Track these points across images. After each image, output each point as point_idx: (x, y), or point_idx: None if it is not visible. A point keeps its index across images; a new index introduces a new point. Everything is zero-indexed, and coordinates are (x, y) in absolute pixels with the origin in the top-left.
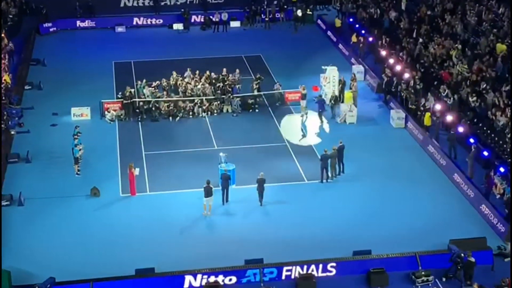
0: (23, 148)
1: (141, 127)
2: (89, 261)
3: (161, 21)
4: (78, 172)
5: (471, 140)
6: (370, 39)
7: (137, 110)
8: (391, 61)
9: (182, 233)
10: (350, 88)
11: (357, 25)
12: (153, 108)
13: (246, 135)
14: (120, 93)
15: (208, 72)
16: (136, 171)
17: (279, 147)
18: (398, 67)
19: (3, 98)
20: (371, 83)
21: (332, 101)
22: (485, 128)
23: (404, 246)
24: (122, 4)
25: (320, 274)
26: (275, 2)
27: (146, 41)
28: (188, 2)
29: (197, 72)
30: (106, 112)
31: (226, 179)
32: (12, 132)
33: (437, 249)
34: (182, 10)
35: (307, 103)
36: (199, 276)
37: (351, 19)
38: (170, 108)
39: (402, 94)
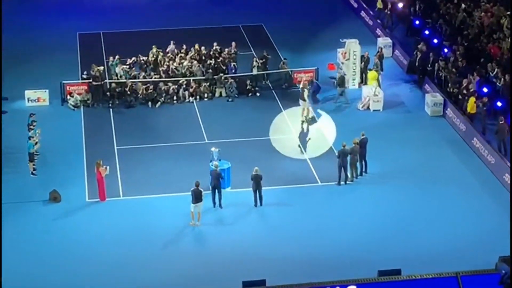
0: None
1: (112, 115)
2: (47, 282)
3: None
4: (34, 172)
5: None
6: (400, 5)
7: (108, 94)
8: (426, 32)
9: (164, 248)
10: (376, 67)
11: None
12: (128, 91)
13: (244, 126)
14: (85, 72)
15: (196, 46)
16: (106, 170)
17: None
18: (435, 40)
19: None
20: (401, 60)
21: (338, 84)
22: None
23: (442, 265)
24: None
25: None
26: None
27: (119, 8)
28: None
29: (183, 46)
30: (68, 97)
31: (217, 177)
32: None
33: (484, 269)
34: None
35: (311, 100)
36: None
37: None
38: (149, 91)
39: (440, 74)
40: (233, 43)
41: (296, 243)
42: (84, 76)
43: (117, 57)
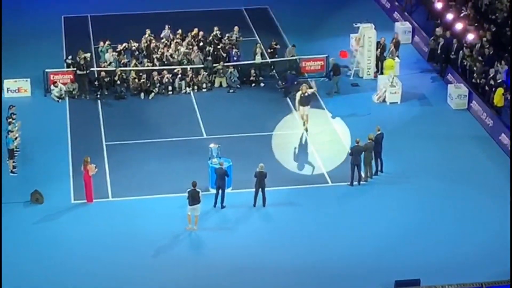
0: None
1: (101, 107)
2: None
3: None
4: (14, 170)
5: None
6: None
7: (96, 84)
8: (450, 16)
9: (157, 255)
10: (391, 55)
11: None
12: (118, 81)
13: (247, 119)
14: (70, 56)
15: (195, 31)
16: (94, 170)
17: (293, 137)
18: (459, 25)
19: None
20: (421, 47)
21: (331, 73)
22: None
23: (466, 275)
24: None
25: None
26: None
27: None
28: None
29: (179, 31)
30: (52, 87)
31: (222, 176)
32: None
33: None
34: None
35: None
36: None
37: None
38: (142, 80)
39: (465, 63)
40: (235, 28)
41: (303, 250)
42: (68, 61)
43: (107, 42)
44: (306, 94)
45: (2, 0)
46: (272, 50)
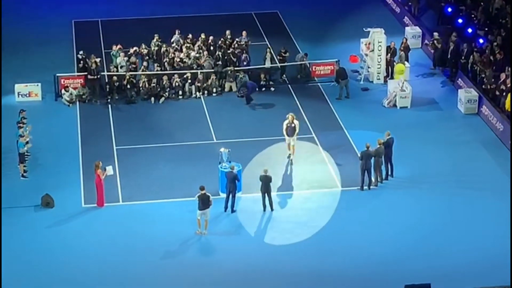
0: None
1: (111, 112)
2: None
3: None
4: (24, 174)
5: None
6: None
7: (107, 88)
8: (460, 20)
9: (167, 259)
10: (400, 59)
11: None
12: (128, 85)
13: (257, 124)
14: (81, 52)
15: (203, 36)
16: (108, 170)
17: (302, 141)
18: (469, 30)
19: None
20: (431, 52)
21: (338, 79)
22: None
23: (476, 280)
24: None
25: None
26: None
27: None
28: None
29: (189, 35)
30: (63, 91)
31: (233, 180)
32: None
33: None
34: None
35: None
36: None
37: None
38: (152, 85)
39: (475, 67)
40: (244, 33)
41: (313, 255)
42: (79, 56)
43: (118, 46)
44: (293, 125)
45: (14, 5)
46: (281, 58)
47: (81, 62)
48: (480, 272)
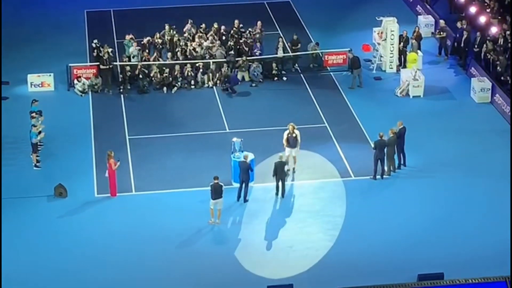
0: None
1: (124, 102)
2: (51, 285)
3: None
4: (37, 164)
5: None
6: None
7: (121, 77)
8: (473, 9)
9: (180, 248)
10: (412, 48)
11: None
12: (141, 75)
13: (269, 114)
14: (95, 40)
15: (216, 25)
16: (117, 164)
17: (315, 130)
18: (483, 18)
19: None
20: (440, 40)
21: (351, 68)
22: None
23: (490, 269)
24: None
25: None
26: None
27: None
28: None
29: (202, 25)
30: (75, 81)
31: (246, 170)
32: None
33: None
34: None
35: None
36: None
37: None
38: (165, 75)
39: (488, 56)
40: (258, 23)
41: (326, 243)
42: (94, 45)
43: (131, 36)
44: (294, 135)
45: None
46: (294, 48)
47: (95, 50)
48: (494, 261)
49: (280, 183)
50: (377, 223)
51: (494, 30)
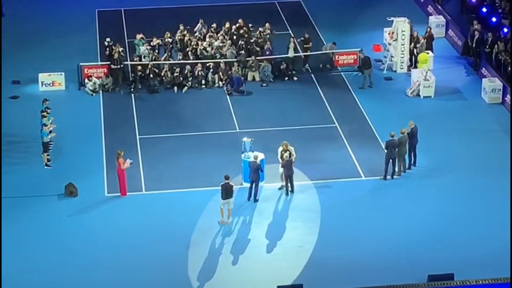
0: None
1: (134, 101)
2: (60, 284)
3: None
4: (48, 163)
5: None
6: None
7: (132, 77)
8: (484, 9)
9: (190, 248)
10: (421, 48)
11: None
12: (151, 75)
13: (280, 113)
14: (108, 39)
15: (227, 25)
16: (127, 163)
17: (325, 130)
18: (494, 19)
19: None
20: (455, 41)
21: (362, 68)
22: None
23: (500, 270)
24: None
25: None
26: None
27: None
28: None
29: (213, 25)
30: (86, 80)
31: (256, 169)
32: None
33: None
34: None
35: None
36: None
37: None
38: (175, 74)
39: (499, 57)
40: (267, 24)
41: (336, 244)
42: (106, 43)
43: (141, 35)
44: (288, 152)
45: None
46: (305, 47)
47: (107, 49)
48: (505, 262)
49: (288, 181)
50: (386, 224)
51: (505, 30)
